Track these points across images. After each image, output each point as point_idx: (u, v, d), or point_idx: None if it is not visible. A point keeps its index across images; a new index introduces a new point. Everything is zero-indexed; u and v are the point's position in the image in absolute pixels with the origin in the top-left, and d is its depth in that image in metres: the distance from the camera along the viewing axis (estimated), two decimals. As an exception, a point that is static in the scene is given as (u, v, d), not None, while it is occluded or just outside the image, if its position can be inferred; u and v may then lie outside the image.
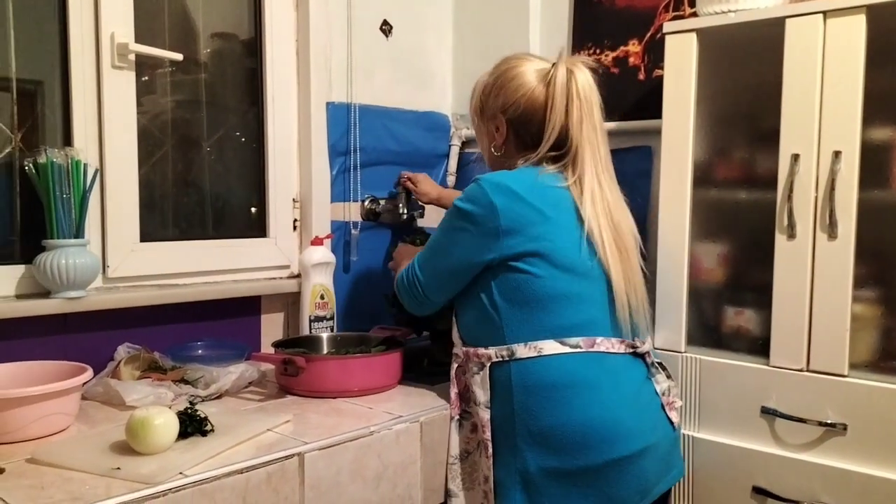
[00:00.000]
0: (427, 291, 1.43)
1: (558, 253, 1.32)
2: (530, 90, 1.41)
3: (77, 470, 1.07)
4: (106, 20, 1.56)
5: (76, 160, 1.47)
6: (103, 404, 1.41)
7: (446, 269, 1.40)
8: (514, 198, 1.32)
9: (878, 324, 1.37)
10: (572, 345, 1.30)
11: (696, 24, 1.53)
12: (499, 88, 1.44)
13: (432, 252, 1.43)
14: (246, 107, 1.89)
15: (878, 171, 1.35)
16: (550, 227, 1.32)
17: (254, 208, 1.91)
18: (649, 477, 1.32)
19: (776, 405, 1.44)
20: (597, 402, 1.28)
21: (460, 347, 1.42)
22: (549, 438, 1.27)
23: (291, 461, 1.17)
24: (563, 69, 1.39)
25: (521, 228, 1.31)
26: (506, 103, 1.43)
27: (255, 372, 1.56)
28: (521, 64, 1.44)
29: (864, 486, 1.33)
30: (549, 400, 1.28)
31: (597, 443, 1.26)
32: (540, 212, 1.32)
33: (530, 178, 1.35)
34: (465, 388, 1.40)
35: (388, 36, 2.11)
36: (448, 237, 1.39)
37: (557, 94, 1.37)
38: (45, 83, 1.54)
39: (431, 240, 1.45)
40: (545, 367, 1.29)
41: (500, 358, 1.32)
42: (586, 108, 1.38)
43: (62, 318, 1.50)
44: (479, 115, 1.51)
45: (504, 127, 1.44)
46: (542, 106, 1.39)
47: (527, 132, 1.42)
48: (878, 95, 1.34)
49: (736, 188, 1.54)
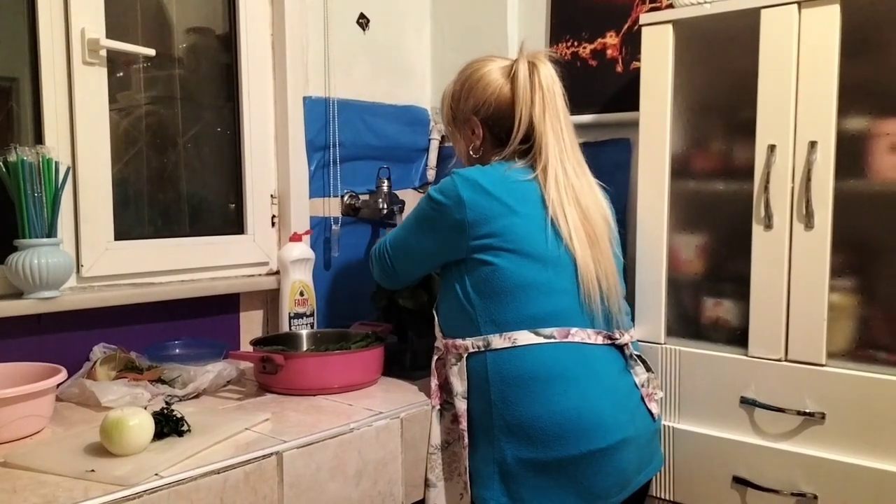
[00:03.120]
0: (396, 267, 1.51)
1: (524, 244, 1.34)
2: (498, 88, 1.45)
3: (51, 473, 1.06)
4: (76, 15, 1.54)
5: (47, 158, 1.45)
6: (79, 405, 1.40)
7: (414, 250, 1.47)
8: (481, 192, 1.35)
9: (856, 313, 1.38)
10: (546, 335, 1.32)
11: (673, 16, 1.53)
12: (468, 92, 1.48)
13: (404, 233, 1.49)
14: (222, 102, 1.87)
15: (854, 161, 1.36)
16: (516, 219, 1.35)
17: (231, 205, 1.89)
18: (628, 468, 1.33)
19: (755, 395, 1.44)
20: (573, 394, 1.29)
21: (440, 340, 1.44)
22: (526, 430, 1.28)
23: (269, 460, 1.16)
24: (525, 63, 1.42)
25: (486, 221, 1.34)
26: (476, 104, 1.46)
27: (234, 370, 1.55)
28: (485, 65, 1.48)
29: (843, 474, 1.34)
30: (525, 391, 1.29)
31: (574, 435, 1.27)
32: (506, 205, 1.35)
33: (498, 173, 1.39)
34: (445, 379, 1.41)
35: (366, 29, 2.10)
36: (418, 223, 1.45)
37: (520, 87, 1.41)
38: (17, 80, 1.52)
39: (405, 220, 1.50)
40: (520, 358, 1.31)
41: (477, 349, 1.34)
42: (549, 98, 1.41)
43: (36, 319, 1.48)
44: (452, 123, 1.55)
45: (480, 128, 1.48)
46: (510, 102, 1.43)
47: (501, 129, 1.45)
48: (853, 85, 1.35)
49: (713, 179, 1.54)
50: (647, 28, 1.57)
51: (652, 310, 1.58)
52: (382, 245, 1.53)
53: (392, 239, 1.51)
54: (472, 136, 1.50)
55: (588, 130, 1.95)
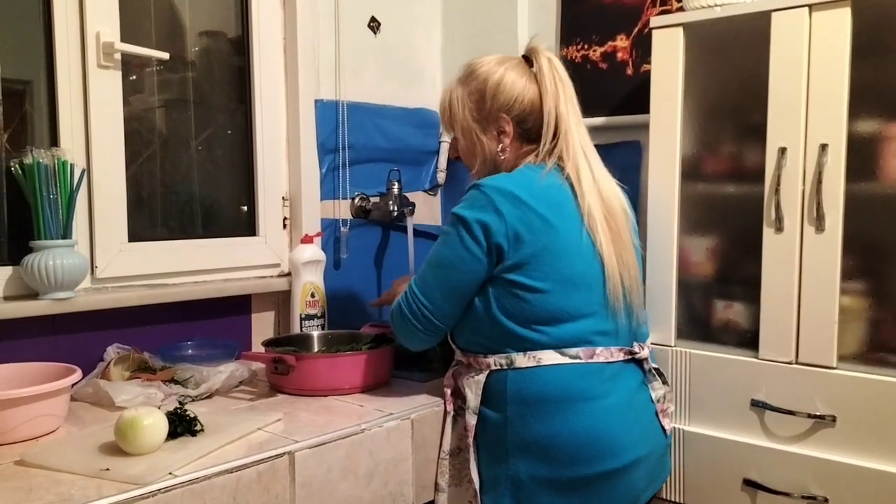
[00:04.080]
0: (438, 318, 1.34)
1: (561, 264, 1.29)
2: (524, 86, 1.40)
3: (66, 471, 1.07)
4: (91, 19, 1.56)
5: (63, 160, 1.46)
6: (93, 405, 1.41)
7: (457, 286, 1.32)
8: (518, 204, 1.28)
9: (866, 316, 1.37)
10: (572, 355, 1.29)
11: (683, 19, 1.53)
12: (494, 91, 1.40)
13: (439, 270, 1.33)
14: (234, 105, 1.88)
15: (865, 164, 1.36)
16: (554, 235, 1.29)
17: (243, 207, 1.90)
18: (638, 486, 1.33)
19: (766, 398, 1.44)
20: (591, 414, 1.27)
21: (460, 355, 1.41)
22: (542, 448, 1.26)
23: (282, 460, 1.17)
24: (545, 59, 1.41)
25: (525, 240, 1.27)
26: (508, 102, 1.40)
27: (246, 371, 1.56)
28: (498, 64, 1.43)
29: (854, 477, 1.34)
30: (544, 410, 1.27)
31: (589, 455, 1.26)
32: (545, 220, 1.29)
33: (534, 182, 1.32)
34: (458, 389, 1.40)
35: (377, 33, 2.11)
36: (454, 251, 1.30)
37: (548, 82, 1.39)
38: (32, 83, 1.53)
39: (434, 258, 1.35)
40: (542, 377, 1.28)
41: (499, 367, 1.31)
42: (569, 89, 1.41)
43: (51, 320, 1.49)
44: (475, 125, 1.43)
45: (510, 126, 1.41)
46: (538, 97, 1.39)
47: (533, 125, 1.40)
48: (863, 88, 1.34)
49: (724, 182, 1.54)
50: (657, 31, 1.57)
51: (662, 312, 1.58)
52: (409, 300, 1.35)
53: (423, 285, 1.34)
54: (501, 136, 1.42)
55: (598, 133, 1.95)
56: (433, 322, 1.34)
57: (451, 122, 1.48)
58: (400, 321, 1.38)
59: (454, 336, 1.41)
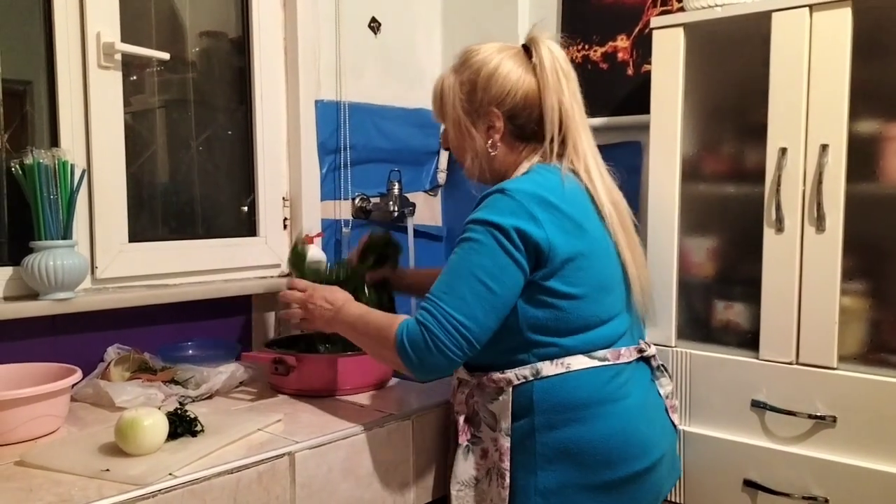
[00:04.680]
0: (480, 338, 1.18)
1: (595, 268, 1.23)
2: (520, 77, 1.29)
3: (66, 472, 1.07)
4: (91, 20, 1.56)
5: (63, 161, 1.46)
6: (93, 406, 1.41)
7: (501, 299, 1.18)
8: (552, 209, 1.19)
9: (867, 316, 1.37)
10: (600, 357, 1.24)
11: (683, 19, 1.54)
12: (486, 82, 1.30)
13: (477, 283, 1.17)
14: (234, 105, 1.88)
15: (865, 164, 1.36)
16: (588, 239, 1.23)
17: (244, 207, 1.90)
18: (663, 483, 1.32)
19: (766, 398, 1.44)
20: (619, 415, 1.23)
21: (466, 374, 1.31)
22: (572, 453, 1.21)
23: (282, 461, 1.17)
24: (545, 48, 1.30)
25: (563, 243, 1.19)
26: (500, 94, 1.29)
27: (246, 371, 1.56)
28: (493, 53, 1.32)
29: (854, 477, 1.34)
30: (572, 415, 1.22)
31: (621, 457, 1.22)
32: (578, 224, 1.22)
33: (558, 184, 1.24)
34: (474, 412, 1.30)
35: (377, 33, 2.11)
36: (495, 260, 1.17)
37: (549, 74, 1.28)
38: (33, 84, 1.53)
39: (466, 269, 1.18)
40: (572, 383, 1.22)
41: (523, 379, 1.22)
42: (573, 84, 1.31)
43: (51, 320, 1.49)
44: (465, 117, 1.33)
45: (501, 121, 1.30)
46: (536, 90, 1.29)
47: (528, 121, 1.30)
48: (864, 88, 1.34)
49: (724, 182, 1.54)
50: (657, 31, 1.57)
51: (663, 313, 1.58)
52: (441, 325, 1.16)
53: (457, 305, 1.16)
54: (491, 131, 1.31)
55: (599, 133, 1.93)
56: (474, 344, 1.17)
57: (442, 111, 1.38)
58: (428, 352, 1.16)
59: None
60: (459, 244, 1.21)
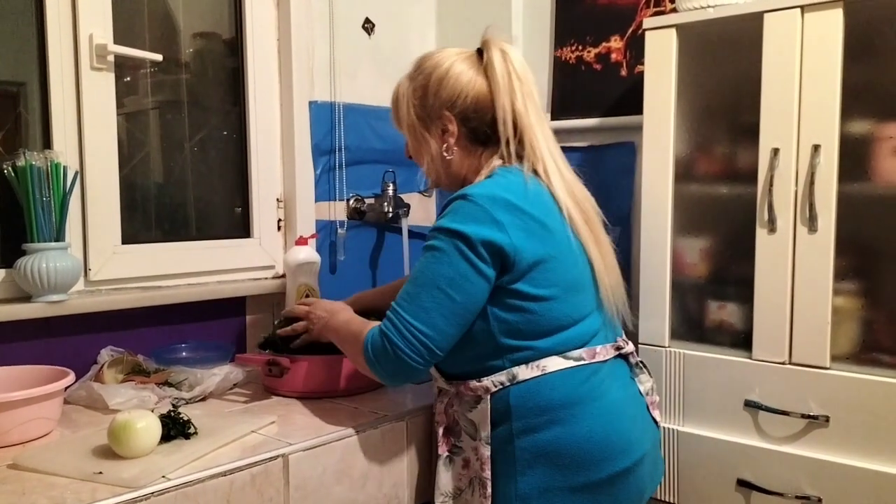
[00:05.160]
0: (441, 346, 1.18)
1: (564, 268, 1.22)
2: (471, 79, 1.29)
3: (59, 475, 1.07)
4: (84, 21, 1.55)
5: (56, 163, 1.46)
6: (86, 408, 1.40)
7: (463, 307, 1.18)
8: (516, 212, 1.19)
9: (859, 316, 1.38)
10: (575, 357, 1.23)
11: (676, 20, 1.54)
12: (437, 86, 1.30)
13: (437, 292, 1.17)
14: (228, 107, 1.88)
15: (857, 165, 1.36)
16: (554, 240, 1.22)
17: (237, 209, 1.90)
18: (645, 482, 1.30)
19: (759, 398, 1.45)
20: (598, 415, 1.22)
21: (444, 383, 1.31)
22: (551, 456, 1.20)
23: (275, 462, 1.17)
24: (497, 51, 1.29)
25: (529, 246, 1.18)
26: (451, 97, 1.29)
27: (240, 373, 1.56)
28: (447, 56, 1.33)
29: (847, 476, 1.34)
30: (551, 417, 1.21)
31: (602, 458, 1.21)
32: (543, 224, 1.21)
33: (521, 186, 1.23)
34: (454, 421, 1.30)
35: (371, 34, 2.11)
36: (456, 268, 1.17)
37: (499, 75, 1.27)
38: (25, 85, 1.53)
39: (427, 278, 1.19)
40: (549, 385, 1.21)
41: (500, 385, 1.22)
42: (527, 86, 1.29)
43: (44, 322, 1.49)
44: (419, 124, 1.34)
45: (454, 124, 1.30)
46: (487, 92, 1.28)
47: (480, 123, 1.29)
48: (856, 89, 1.35)
49: (717, 183, 1.55)
50: (650, 32, 1.58)
51: (656, 313, 1.58)
52: (400, 333, 1.18)
53: (417, 310, 1.17)
54: (445, 135, 1.31)
55: (592, 134, 1.96)
56: (434, 352, 1.18)
57: (398, 119, 1.39)
58: (387, 358, 1.19)
59: (443, 364, 1.29)
60: (424, 253, 1.22)
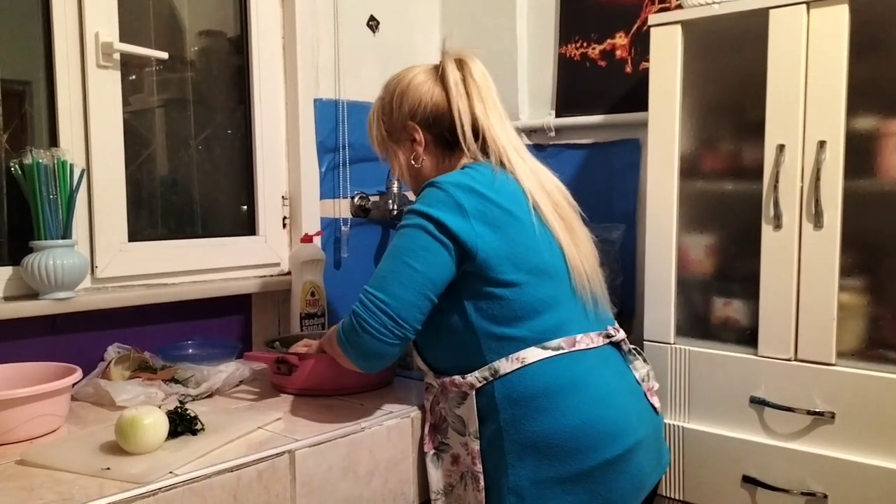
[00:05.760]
0: (401, 314, 1.20)
1: (530, 254, 1.25)
2: (429, 88, 1.37)
3: (67, 471, 1.07)
4: (90, 19, 1.56)
5: (62, 160, 1.46)
6: (94, 405, 1.41)
7: (421, 273, 1.21)
8: (480, 198, 1.24)
9: (865, 312, 1.38)
10: (554, 347, 1.25)
11: (681, 17, 1.54)
12: (399, 99, 1.38)
13: (395, 260, 1.23)
14: (233, 104, 1.88)
15: (863, 161, 1.36)
16: (521, 227, 1.26)
17: (243, 206, 1.91)
18: (644, 471, 1.29)
19: (765, 395, 1.44)
20: (585, 404, 1.24)
21: (433, 378, 1.34)
22: (540, 447, 1.22)
23: (282, 459, 1.18)
24: (451, 61, 1.36)
25: (492, 233, 1.23)
26: (412, 108, 1.37)
27: (247, 370, 1.56)
28: (409, 72, 1.41)
29: (853, 473, 1.34)
30: (536, 408, 1.23)
31: (590, 445, 1.22)
32: (509, 212, 1.25)
33: (488, 176, 1.28)
34: (441, 418, 1.34)
35: (376, 32, 2.11)
36: (415, 240, 1.22)
37: (451, 82, 1.34)
38: (32, 84, 1.54)
39: (389, 252, 1.25)
40: (530, 376, 1.23)
41: (483, 381, 1.25)
42: (485, 91, 1.35)
43: (51, 320, 1.50)
44: (388, 138, 1.42)
45: (420, 133, 1.37)
46: (444, 99, 1.35)
47: (442, 128, 1.36)
48: (861, 85, 1.35)
49: (722, 179, 1.55)
50: (655, 29, 1.57)
51: (661, 309, 1.58)
52: (368, 302, 1.21)
53: (382, 282, 1.22)
54: (414, 145, 1.38)
55: (597, 131, 1.96)
56: (397, 322, 1.20)
57: (371, 138, 1.47)
58: (354, 333, 1.22)
59: (428, 357, 1.35)
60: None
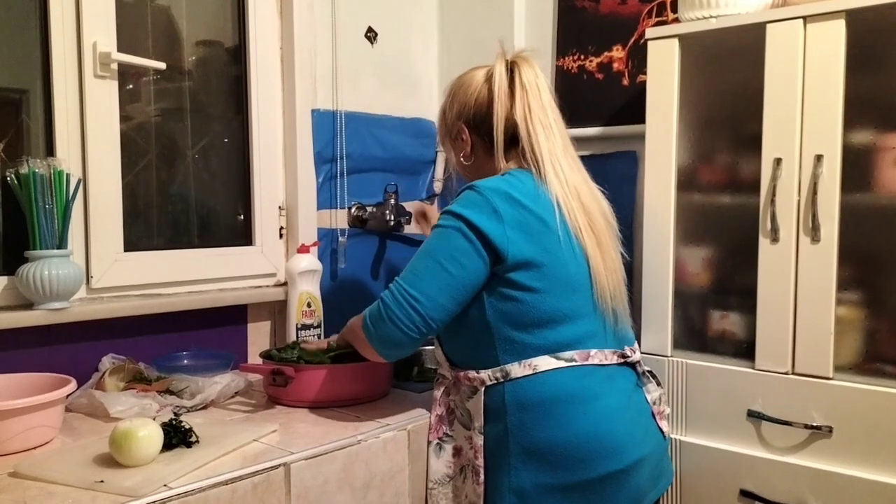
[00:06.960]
0: (433, 314, 1.24)
1: (559, 265, 1.26)
2: (477, 90, 1.39)
3: (60, 483, 1.07)
4: (88, 29, 1.56)
5: (59, 170, 1.46)
6: (88, 416, 1.40)
7: (456, 279, 1.24)
8: (514, 204, 1.26)
9: (862, 326, 1.38)
10: (567, 358, 1.27)
11: (679, 30, 1.54)
12: (452, 99, 1.44)
13: (432, 262, 1.26)
14: (231, 114, 1.88)
15: (860, 175, 1.36)
16: (553, 237, 1.27)
17: (239, 216, 1.90)
18: (642, 487, 1.31)
19: (762, 408, 1.44)
20: (592, 415, 1.25)
21: (448, 370, 1.37)
22: (545, 454, 1.24)
23: (277, 471, 1.17)
24: (502, 62, 1.37)
25: (525, 240, 1.25)
26: (461, 109, 1.41)
27: (242, 382, 1.56)
28: (470, 72, 1.45)
29: (850, 487, 1.34)
30: (543, 415, 1.25)
31: (594, 456, 1.24)
32: (543, 221, 1.27)
33: (529, 185, 1.30)
34: (449, 410, 1.37)
35: (374, 43, 2.11)
36: (452, 242, 1.25)
37: (495, 85, 1.35)
38: (29, 93, 1.53)
39: (425, 251, 1.28)
40: (540, 384, 1.25)
41: (495, 380, 1.27)
42: (532, 94, 1.35)
43: (45, 330, 1.49)
44: (446, 137, 1.48)
45: (466, 133, 1.41)
46: (489, 102, 1.37)
47: (487, 132, 1.38)
48: (858, 99, 1.35)
49: (719, 192, 1.55)
50: (653, 42, 1.58)
51: (658, 322, 1.58)
52: (398, 295, 1.25)
53: (413, 279, 1.25)
54: (462, 143, 1.42)
55: (595, 143, 1.96)
56: (426, 320, 1.24)
57: (439, 136, 1.53)
58: (382, 322, 1.26)
59: (445, 349, 1.38)
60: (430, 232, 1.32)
